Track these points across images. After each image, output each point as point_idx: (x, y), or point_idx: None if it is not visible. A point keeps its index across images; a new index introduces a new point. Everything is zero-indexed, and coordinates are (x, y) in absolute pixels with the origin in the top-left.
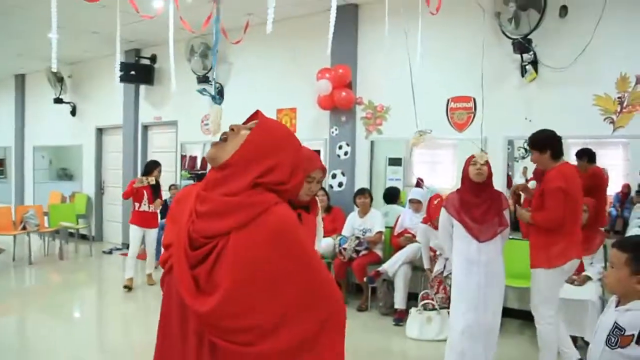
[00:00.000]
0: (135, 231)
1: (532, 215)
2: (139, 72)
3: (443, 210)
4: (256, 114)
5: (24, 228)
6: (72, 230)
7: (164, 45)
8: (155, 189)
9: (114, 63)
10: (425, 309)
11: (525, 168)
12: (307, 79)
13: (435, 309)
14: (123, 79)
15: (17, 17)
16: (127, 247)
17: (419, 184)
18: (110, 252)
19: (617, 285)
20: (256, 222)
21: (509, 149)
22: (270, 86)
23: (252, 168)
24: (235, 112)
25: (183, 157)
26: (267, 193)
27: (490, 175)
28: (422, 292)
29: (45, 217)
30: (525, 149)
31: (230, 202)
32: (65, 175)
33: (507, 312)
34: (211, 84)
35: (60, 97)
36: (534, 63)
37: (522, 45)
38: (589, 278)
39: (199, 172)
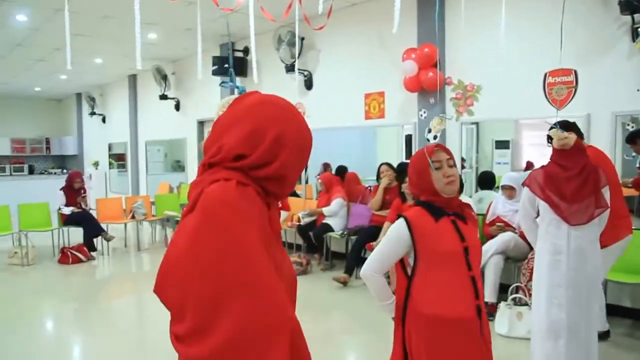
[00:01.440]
0: None
1: None
2: (234, 64)
3: (525, 190)
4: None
5: (133, 217)
6: (179, 219)
7: (255, 37)
8: None
9: (209, 58)
10: (515, 304)
11: None
12: (394, 61)
13: (527, 304)
14: (217, 72)
15: (118, 20)
16: None
17: (529, 167)
18: None
19: None
20: (196, 207)
21: (631, 125)
22: (358, 71)
23: (210, 148)
24: (324, 99)
25: None
26: (218, 172)
27: (578, 140)
28: (513, 285)
29: (153, 207)
30: None
31: (190, 185)
32: (179, 167)
33: (617, 311)
34: (300, 73)
35: (165, 93)
36: None
37: (632, 4)
38: None
39: None
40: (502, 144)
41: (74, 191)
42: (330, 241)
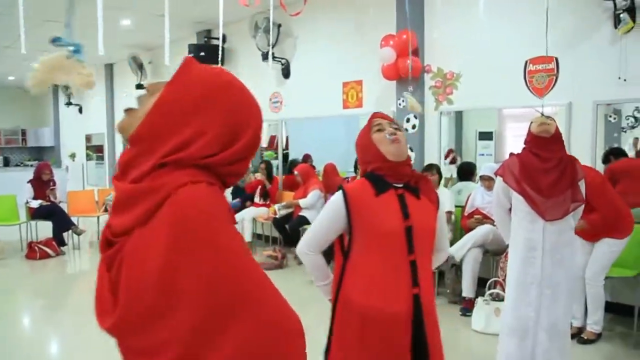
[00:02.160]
0: None
1: None
2: (209, 53)
3: (498, 180)
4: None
5: (106, 210)
6: None
7: (232, 25)
8: None
9: (186, 46)
10: (493, 299)
11: (637, 139)
12: (373, 48)
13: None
14: None
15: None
16: None
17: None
18: None
19: None
20: (157, 216)
21: (613, 117)
22: (336, 59)
23: (162, 141)
24: (302, 88)
25: (273, 137)
26: (176, 171)
27: (558, 130)
28: (491, 280)
29: None
30: (635, 118)
31: (132, 190)
32: None
33: None
34: (277, 61)
35: (142, 82)
36: (631, 10)
37: None
38: None
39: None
40: (485, 135)
41: (42, 183)
42: None
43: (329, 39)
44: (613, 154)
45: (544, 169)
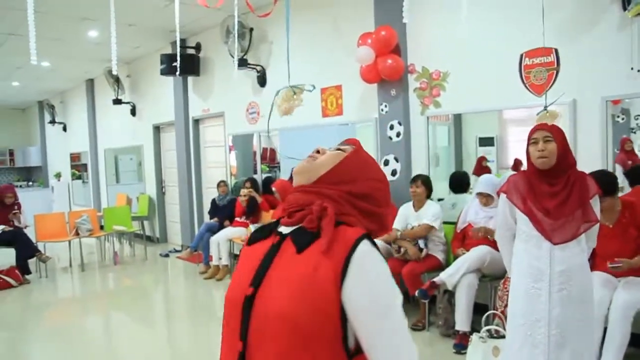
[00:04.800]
0: None
1: None
2: (184, 63)
3: (502, 197)
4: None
5: (77, 233)
6: (139, 232)
7: (206, 32)
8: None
9: (161, 57)
10: (490, 336)
11: None
12: (351, 49)
13: (505, 337)
14: (165, 71)
15: (54, 17)
16: (186, 249)
17: (517, 165)
18: (167, 255)
19: None
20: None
21: (622, 117)
22: (314, 63)
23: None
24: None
25: (265, 149)
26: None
27: (563, 152)
28: (487, 313)
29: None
30: None
31: None
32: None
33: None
34: (252, 68)
35: (119, 97)
36: None
37: None
38: None
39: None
40: (486, 141)
41: (5, 207)
42: None
43: (304, 43)
44: None
45: (551, 192)
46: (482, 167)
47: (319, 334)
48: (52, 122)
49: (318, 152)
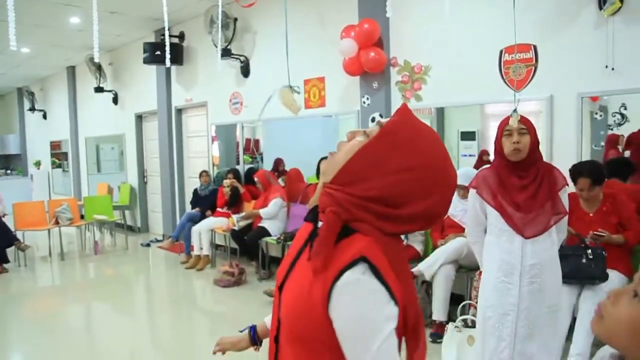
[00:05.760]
0: None
1: None
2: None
3: (472, 193)
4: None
5: (57, 222)
6: (120, 222)
7: (190, 22)
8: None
9: (144, 45)
10: (465, 325)
11: (623, 137)
12: (334, 41)
13: None
14: (148, 60)
15: (35, 2)
16: (168, 239)
17: (482, 156)
18: (148, 245)
19: None
20: None
21: (600, 114)
22: (297, 54)
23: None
24: (262, 87)
25: (248, 140)
26: None
27: (534, 146)
28: (463, 303)
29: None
30: (622, 115)
31: None
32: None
33: None
34: (235, 59)
35: (101, 85)
36: None
37: None
38: None
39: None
40: (468, 135)
41: None
42: (267, 247)
43: (288, 33)
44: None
45: (521, 185)
46: (483, 162)
47: (316, 339)
48: (32, 109)
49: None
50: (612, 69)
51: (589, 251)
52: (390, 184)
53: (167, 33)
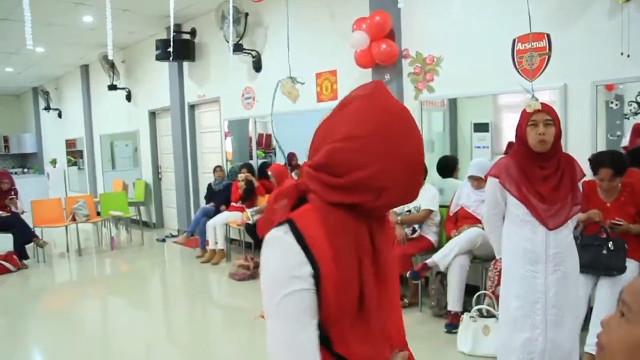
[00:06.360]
0: None
1: None
2: (179, 48)
3: (493, 181)
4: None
5: (74, 219)
6: (136, 217)
7: (201, 17)
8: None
9: (157, 42)
10: (481, 315)
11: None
12: (345, 34)
13: (495, 316)
14: (160, 57)
15: (48, 2)
16: (183, 234)
17: (510, 148)
18: (163, 240)
19: None
20: None
21: (615, 104)
22: (309, 47)
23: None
24: (274, 81)
25: (260, 135)
26: None
27: (558, 137)
28: (478, 293)
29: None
30: (639, 103)
31: None
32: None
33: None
34: (247, 54)
35: (114, 83)
36: None
37: None
38: None
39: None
40: (481, 127)
41: (1, 193)
42: None
43: (299, 27)
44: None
45: (543, 175)
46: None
47: None
48: (47, 108)
49: None
50: (628, 55)
51: (610, 243)
52: (333, 151)
53: (171, 29)
